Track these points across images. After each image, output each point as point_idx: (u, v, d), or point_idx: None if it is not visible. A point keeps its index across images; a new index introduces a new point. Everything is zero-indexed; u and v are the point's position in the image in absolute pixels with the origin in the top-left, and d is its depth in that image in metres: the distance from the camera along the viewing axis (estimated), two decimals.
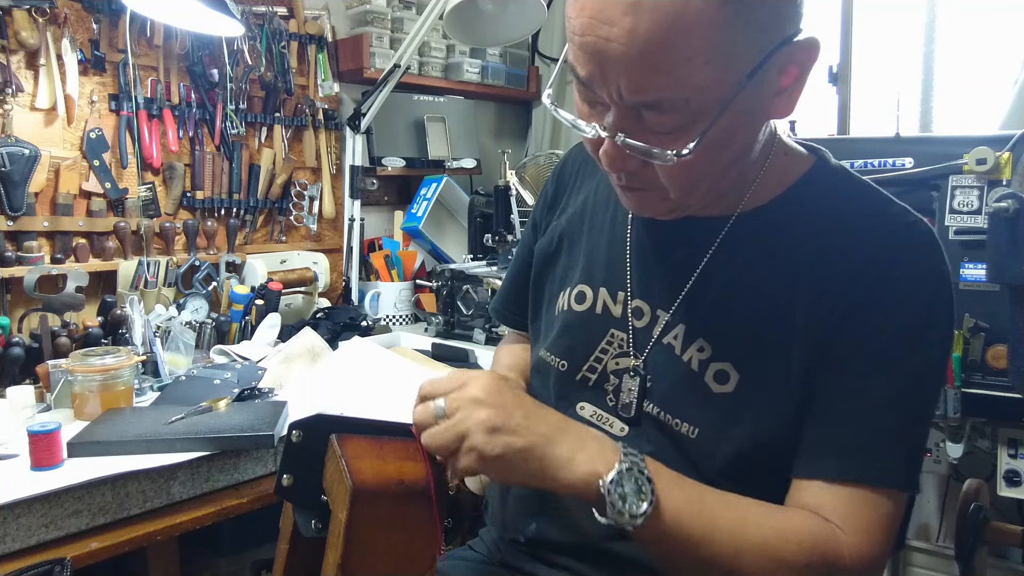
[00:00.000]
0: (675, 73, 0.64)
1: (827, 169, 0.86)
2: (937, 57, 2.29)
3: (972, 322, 1.63)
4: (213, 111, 2.11)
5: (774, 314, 0.79)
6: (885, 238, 0.79)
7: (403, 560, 0.79)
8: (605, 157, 0.74)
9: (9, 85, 1.73)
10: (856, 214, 0.81)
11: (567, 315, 0.94)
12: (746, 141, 0.76)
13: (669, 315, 0.85)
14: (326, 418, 0.82)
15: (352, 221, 2.44)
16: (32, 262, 1.75)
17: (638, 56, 0.64)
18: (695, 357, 0.82)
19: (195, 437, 1.23)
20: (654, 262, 0.88)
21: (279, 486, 0.81)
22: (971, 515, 1.28)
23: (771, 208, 0.83)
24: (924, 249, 0.79)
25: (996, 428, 1.72)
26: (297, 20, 2.30)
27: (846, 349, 0.77)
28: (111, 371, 1.41)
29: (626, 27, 0.63)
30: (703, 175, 0.75)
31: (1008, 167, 1.61)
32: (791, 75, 0.71)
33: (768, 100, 0.72)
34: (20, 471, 1.14)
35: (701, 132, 0.68)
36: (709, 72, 0.65)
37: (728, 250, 0.83)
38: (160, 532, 1.14)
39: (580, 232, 0.97)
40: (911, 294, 0.77)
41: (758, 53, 0.67)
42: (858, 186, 0.85)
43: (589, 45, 0.67)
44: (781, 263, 0.81)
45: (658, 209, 0.80)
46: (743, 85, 0.67)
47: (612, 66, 0.66)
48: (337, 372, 1.68)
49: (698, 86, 0.65)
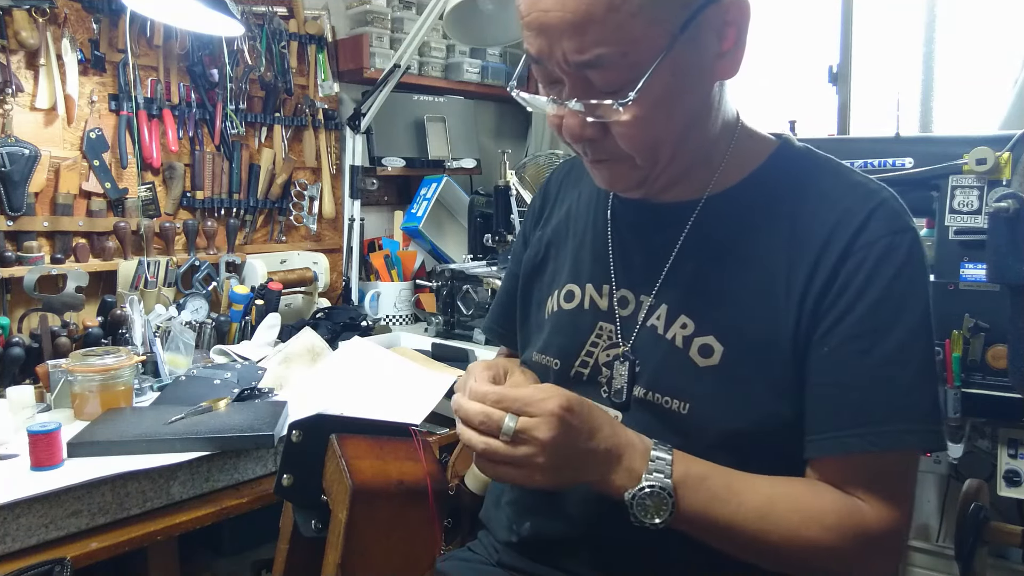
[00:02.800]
0: (607, 27, 0.71)
1: (792, 149, 0.90)
2: (937, 57, 2.29)
3: (972, 322, 1.63)
4: (213, 111, 2.11)
5: (752, 285, 0.83)
6: (854, 202, 0.82)
7: (403, 560, 0.79)
8: (567, 131, 0.80)
9: (9, 85, 1.73)
10: (824, 183, 0.85)
11: (557, 315, 0.97)
12: (697, 103, 0.80)
13: (652, 298, 0.89)
14: (326, 418, 0.82)
15: (352, 221, 2.44)
16: (32, 262, 1.75)
17: (573, 18, 0.71)
18: (679, 334, 0.85)
19: (195, 437, 1.23)
20: (634, 252, 0.92)
21: (279, 486, 0.81)
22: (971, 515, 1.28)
23: (740, 187, 0.87)
24: (894, 208, 0.82)
25: (996, 428, 1.72)
26: (297, 20, 2.30)
27: (835, 317, 0.79)
28: (111, 371, 1.41)
29: None
30: (660, 137, 0.79)
31: (1008, 167, 1.61)
32: (730, 38, 0.78)
33: (710, 62, 0.78)
34: (20, 471, 1.14)
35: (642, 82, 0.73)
36: (638, 24, 0.71)
37: (702, 229, 0.87)
38: (160, 532, 1.14)
39: (565, 238, 1.01)
40: (890, 251, 0.79)
41: (685, 7, 0.73)
42: (824, 160, 0.89)
43: (533, 22, 0.75)
44: (754, 236, 0.84)
45: (629, 181, 0.85)
46: (675, 38, 0.73)
47: (554, 34, 0.73)
48: (337, 372, 1.68)
49: (630, 39, 0.72)
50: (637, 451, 0.77)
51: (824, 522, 0.77)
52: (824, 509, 0.78)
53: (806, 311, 0.80)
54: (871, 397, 0.78)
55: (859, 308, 0.78)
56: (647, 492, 0.75)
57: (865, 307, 0.78)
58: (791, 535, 0.77)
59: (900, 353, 0.78)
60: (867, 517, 0.78)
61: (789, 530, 0.77)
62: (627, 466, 0.76)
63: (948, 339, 1.65)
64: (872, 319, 0.78)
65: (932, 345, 0.80)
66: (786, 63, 2.51)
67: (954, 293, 1.67)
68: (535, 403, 0.73)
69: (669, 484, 0.75)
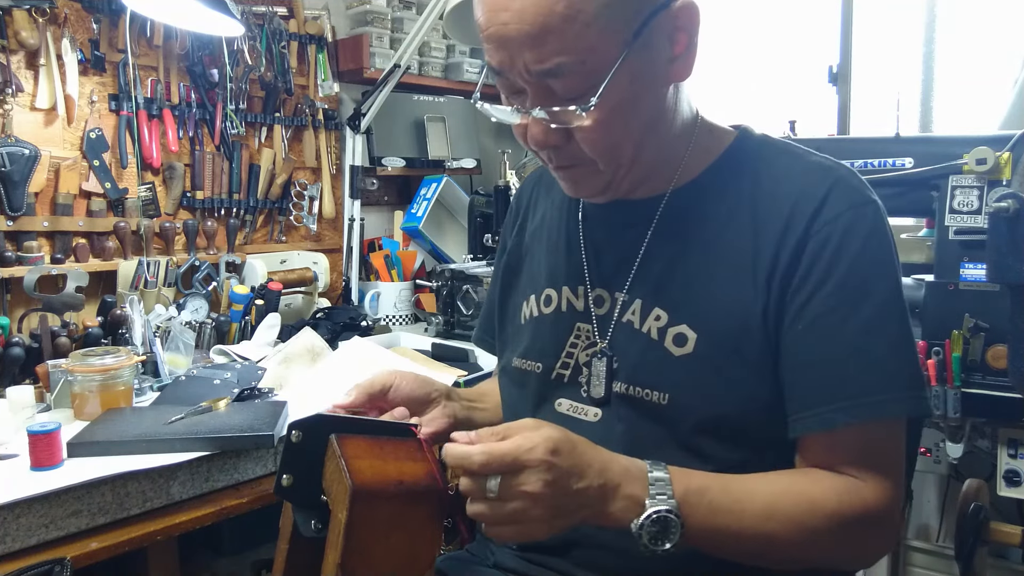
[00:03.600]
0: (565, 37, 0.73)
1: (750, 138, 0.92)
2: (937, 57, 2.29)
3: (972, 322, 1.63)
4: (213, 111, 2.11)
5: (720, 271, 0.84)
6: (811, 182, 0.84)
7: (403, 560, 0.79)
8: (532, 139, 0.82)
9: (9, 85, 1.73)
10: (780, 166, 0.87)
11: (537, 320, 0.98)
12: (654, 106, 0.82)
13: (625, 294, 0.90)
14: (326, 418, 0.82)
15: (352, 221, 2.44)
16: (32, 262, 1.75)
17: (531, 30, 0.74)
18: (653, 326, 0.86)
19: (195, 437, 1.23)
20: (606, 251, 0.94)
21: (279, 486, 0.81)
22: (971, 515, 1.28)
23: (702, 178, 0.89)
24: (851, 183, 0.84)
25: (996, 428, 1.72)
26: (297, 20, 2.30)
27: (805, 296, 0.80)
28: (111, 371, 1.41)
29: (515, 8, 0.74)
30: (620, 140, 0.81)
31: (1008, 167, 1.61)
32: (681, 42, 0.80)
33: (664, 66, 0.80)
34: (20, 471, 1.14)
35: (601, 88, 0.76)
36: (593, 33, 0.74)
37: (667, 222, 0.89)
38: (160, 532, 1.14)
39: (540, 243, 1.02)
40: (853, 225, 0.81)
41: (636, 15, 0.75)
42: (781, 145, 0.91)
43: (493, 35, 0.77)
44: (718, 223, 0.86)
45: (594, 186, 0.87)
46: (629, 44, 0.75)
47: (514, 46, 0.76)
48: (337, 372, 1.68)
49: (587, 47, 0.74)
50: (633, 477, 0.76)
51: (826, 509, 0.78)
52: (824, 496, 0.78)
53: (773, 293, 0.81)
54: (849, 370, 0.79)
55: (828, 285, 0.79)
56: (653, 519, 0.73)
57: (834, 283, 0.79)
58: (797, 530, 0.77)
59: (874, 323, 0.79)
60: (865, 495, 0.79)
61: (794, 525, 0.77)
62: (626, 494, 0.75)
63: (948, 339, 1.65)
64: (842, 293, 0.79)
65: (905, 312, 0.81)
66: (786, 63, 2.51)
67: (954, 293, 1.67)
68: (521, 456, 0.71)
69: (674, 505, 0.74)
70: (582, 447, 0.75)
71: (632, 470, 0.76)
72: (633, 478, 0.75)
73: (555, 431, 0.74)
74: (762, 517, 0.77)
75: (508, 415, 1.03)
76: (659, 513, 0.73)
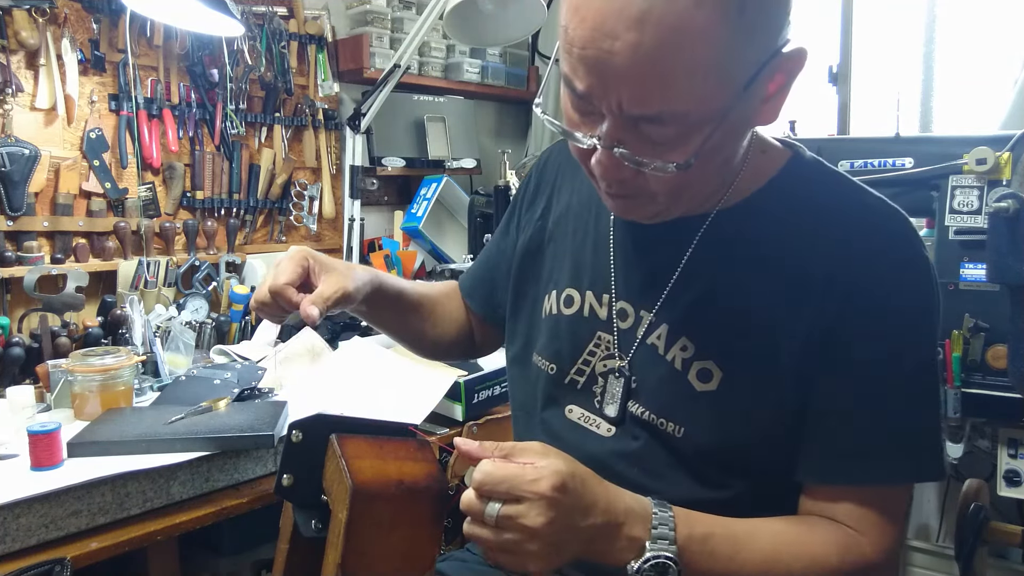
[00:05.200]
0: (678, 87, 0.65)
1: (802, 162, 0.85)
2: (937, 57, 2.29)
3: (972, 322, 1.63)
4: (213, 111, 2.11)
5: (756, 309, 0.79)
6: (869, 226, 0.79)
7: (403, 560, 0.79)
8: (598, 167, 0.73)
9: (9, 85, 1.73)
10: (836, 204, 0.81)
11: (556, 319, 0.94)
12: (735, 148, 0.77)
13: (652, 315, 0.85)
14: (326, 418, 0.82)
15: (352, 221, 2.43)
16: (32, 262, 1.75)
17: (642, 70, 0.64)
18: (678, 356, 0.83)
19: (195, 437, 1.22)
20: (636, 263, 0.88)
21: (279, 486, 0.81)
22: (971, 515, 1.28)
23: (750, 203, 0.83)
24: (908, 236, 0.80)
25: (996, 428, 1.72)
26: (297, 20, 2.30)
27: (845, 347, 0.77)
28: (111, 371, 1.41)
29: (630, 41, 0.63)
30: (695, 183, 0.75)
31: (1008, 167, 1.61)
32: (777, 83, 0.72)
33: (757, 108, 0.72)
34: (20, 471, 1.14)
35: (700, 143, 0.68)
36: (710, 85, 0.65)
37: (708, 247, 0.83)
38: (160, 532, 1.13)
39: (565, 234, 0.97)
40: (905, 282, 0.77)
41: (754, 65, 0.67)
42: (834, 177, 0.85)
43: (590, 58, 0.66)
44: (762, 258, 0.81)
45: (645, 213, 0.80)
46: (739, 96, 0.67)
47: (614, 79, 0.66)
48: (337, 372, 1.68)
49: (699, 99, 0.66)
50: (637, 517, 0.73)
51: (827, 566, 0.76)
52: (825, 553, 0.77)
53: (810, 344, 0.77)
54: (870, 432, 0.77)
55: (869, 343, 0.76)
56: (652, 563, 0.71)
57: (874, 343, 0.76)
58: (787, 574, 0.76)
59: (907, 389, 0.77)
60: (865, 551, 0.77)
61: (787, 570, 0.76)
62: (627, 535, 0.72)
63: (948, 339, 1.65)
64: (881, 355, 0.76)
65: (937, 379, 0.79)
66: None
67: (954, 293, 1.67)
68: (525, 484, 0.68)
69: (675, 552, 0.72)
70: (590, 483, 0.72)
71: (636, 509, 0.74)
72: (637, 518, 0.73)
73: (564, 463, 0.71)
74: (761, 570, 0.76)
75: (514, 405, 1.02)
76: (659, 559, 0.71)
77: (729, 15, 0.62)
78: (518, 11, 1.95)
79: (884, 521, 0.78)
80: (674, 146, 0.69)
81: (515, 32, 2.03)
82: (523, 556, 0.69)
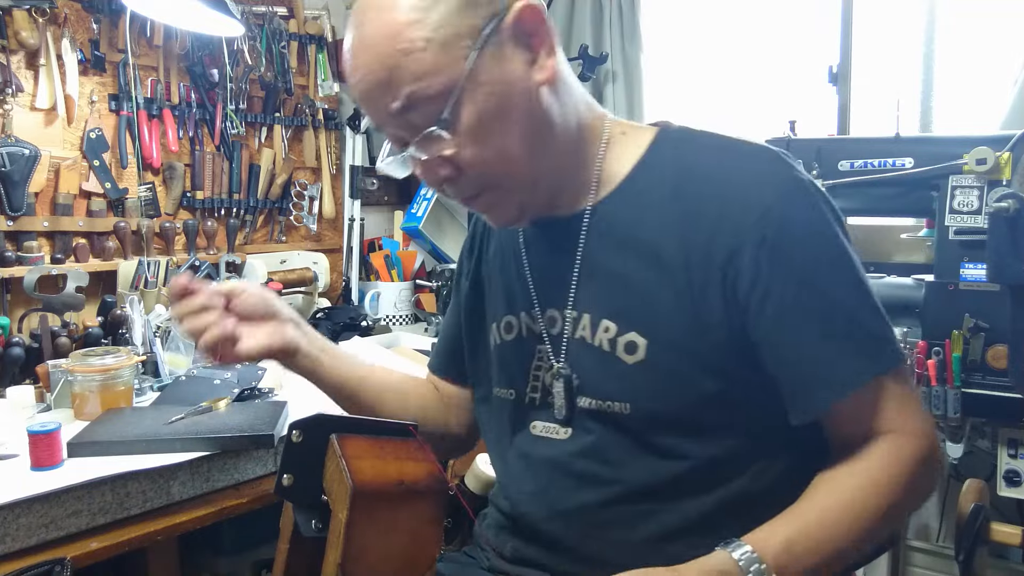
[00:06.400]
0: (406, 69, 0.76)
1: (669, 134, 0.90)
2: (937, 57, 2.29)
3: (972, 322, 1.63)
4: (213, 111, 2.11)
5: (660, 275, 0.83)
6: (739, 175, 0.83)
7: (403, 560, 0.79)
8: (425, 178, 0.83)
9: (9, 85, 1.73)
10: (709, 158, 0.86)
11: (502, 347, 0.98)
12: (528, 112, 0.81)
13: (573, 312, 0.90)
14: (326, 418, 0.82)
15: (352, 221, 2.44)
16: (32, 262, 1.75)
17: (377, 75, 0.77)
18: (604, 338, 0.86)
19: (195, 437, 1.23)
20: (546, 272, 0.93)
21: (279, 486, 0.81)
22: (971, 515, 1.28)
23: (624, 185, 0.88)
24: (776, 168, 0.83)
25: (996, 428, 1.72)
26: (297, 20, 2.30)
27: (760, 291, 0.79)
28: (111, 371, 1.41)
29: (362, 61, 0.78)
30: (504, 151, 0.80)
31: (1008, 167, 1.61)
32: (535, 46, 0.80)
33: (524, 72, 0.80)
34: (20, 471, 1.14)
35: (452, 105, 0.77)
36: (431, 56, 0.76)
37: (598, 235, 0.88)
38: (160, 532, 1.14)
39: (494, 269, 1.02)
40: (785, 211, 0.80)
41: (473, 29, 0.77)
42: (702, 135, 0.90)
43: (357, 97, 0.82)
44: (651, 228, 0.85)
45: (509, 210, 0.86)
46: (473, 61, 0.76)
47: (373, 98, 0.79)
48: None
49: (428, 71, 0.76)
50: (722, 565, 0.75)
51: (880, 483, 0.79)
52: (871, 476, 0.79)
53: (721, 294, 0.81)
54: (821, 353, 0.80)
55: (778, 278, 0.79)
56: None
57: (783, 275, 0.79)
58: (869, 516, 0.78)
59: (831, 297, 0.80)
60: (903, 445, 0.80)
61: (866, 513, 0.78)
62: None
63: (948, 339, 1.65)
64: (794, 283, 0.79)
65: (858, 274, 0.82)
66: (786, 63, 2.51)
67: (954, 293, 1.67)
68: None
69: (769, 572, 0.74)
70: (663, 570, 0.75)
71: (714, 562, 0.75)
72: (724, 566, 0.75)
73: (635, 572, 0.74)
74: (842, 528, 0.78)
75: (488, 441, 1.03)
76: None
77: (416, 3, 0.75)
78: None
79: (905, 412, 0.81)
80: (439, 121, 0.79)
81: None
82: None
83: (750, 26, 2.56)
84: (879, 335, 0.82)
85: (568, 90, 0.86)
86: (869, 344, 0.81)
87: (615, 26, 2.77)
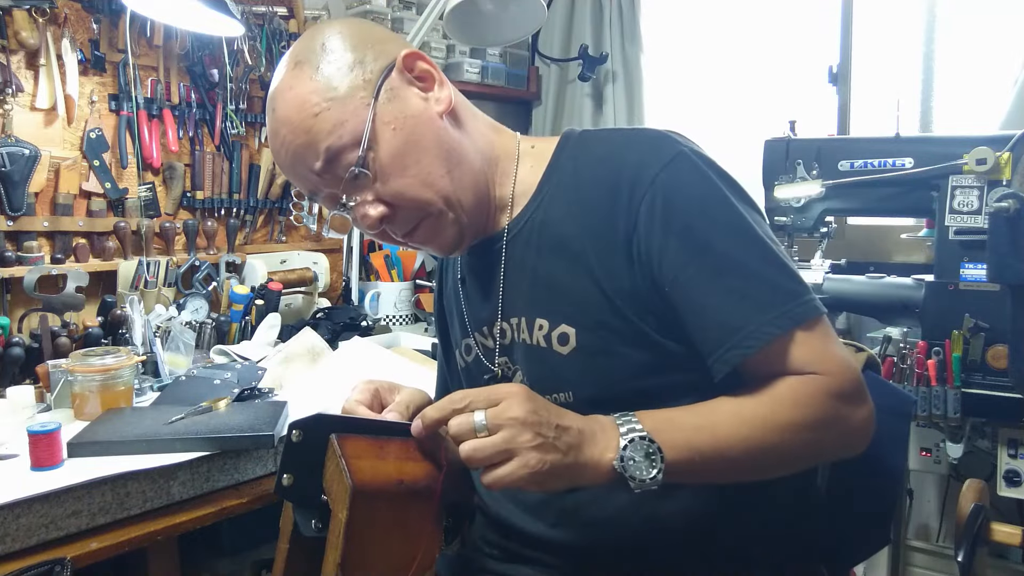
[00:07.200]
0: (321, 127, 0.85)
1: (571, 137, 0.97)
2: (937, 57, 2.30)
3: (972, 322, 1.63)
4: (213, 111, 2.11)
5: (572, 265, 0.89)
6: (624, 154, 0.89)
7: (403, 560, 0.79)
8: (364, 225, 0.90)
9: (9, 85, 1.73)
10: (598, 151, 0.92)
11: (466, 369, 1.06)
12: (437, 140, 0.89)
13: (513, 319, 0.96)
14: (326, 418, 0.82)
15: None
16: (32, 262, 1.75)
17: (299, 138, 0.86)
18: (539, 335, 0.92)
19: (195, 437, 1.23)
20: (483, 290, 1.00)
21: (279, 486, 0.81)
22: (971, 515, 1.28)
23: (536, 191, 0.95)
24: (657, 142, 0.88)
25: (996, 428, 1.72)
26: (297, 20, 2.30)
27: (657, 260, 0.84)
28: (111, 371, 1.41)
29: (285, 135, 0.87)
30: (426, 178, 0.87)
31: (1008, 167, 1.61)
32: (427, 84, 0.90)
33: (422, 106, 0.89)
34: (20, 471, 1.14)
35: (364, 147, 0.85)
36: (336, 112, 0.85)
37: (517, 245, 0.95)
38: (160, 532, 1.14)
39: (452, 301, 1.09)
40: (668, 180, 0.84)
41: (367, 84, 0.87)
42: (600, 133, 0.98)
43: (285, 166, 0.91)
44: (559, 223, 0.91)
45: (447, 238, 0.92)
46: (372, 107, 0.86)
47: (298, 163, 0.88)
48: (337, 372, 1.68)
49: (336, 123, 0.85)
50: (602, 423, 0.79)
51: (778, 399, 0.80)
52: (772, 393, 0.81)
53: (627, 268, 0.85)
54: (722, 313, 0.82)
55: (671, 246, 0.83)
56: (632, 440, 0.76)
57: (675, 242, 0.83)
58: (771, 427, 0.79)
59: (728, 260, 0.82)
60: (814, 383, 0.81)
61: (766, 424, 0.79)
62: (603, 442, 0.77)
63: (948, 339, 1.65)
64: (686, 248, 0.83)
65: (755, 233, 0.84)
66: (786, 63, 2.51)
67: (954, 293, 1.67)
68: (496, 391, 0.76)
69: (647, 433, 0.77)
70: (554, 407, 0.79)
71: (601, 419, 0.79)
72: (603, 425, 0.79)
73: None
74: (734, 424, 0.80)
75: None
76: (633, 439, 0.75)
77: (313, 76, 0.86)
78: (518, 11, 1.95)
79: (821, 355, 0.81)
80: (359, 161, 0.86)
81: (515, 32, 2.03)
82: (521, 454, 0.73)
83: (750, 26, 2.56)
84: (785, 289, 0.83)
85: (471, 115, 0.96)
86: (774, 299, 0.82)
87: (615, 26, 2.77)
